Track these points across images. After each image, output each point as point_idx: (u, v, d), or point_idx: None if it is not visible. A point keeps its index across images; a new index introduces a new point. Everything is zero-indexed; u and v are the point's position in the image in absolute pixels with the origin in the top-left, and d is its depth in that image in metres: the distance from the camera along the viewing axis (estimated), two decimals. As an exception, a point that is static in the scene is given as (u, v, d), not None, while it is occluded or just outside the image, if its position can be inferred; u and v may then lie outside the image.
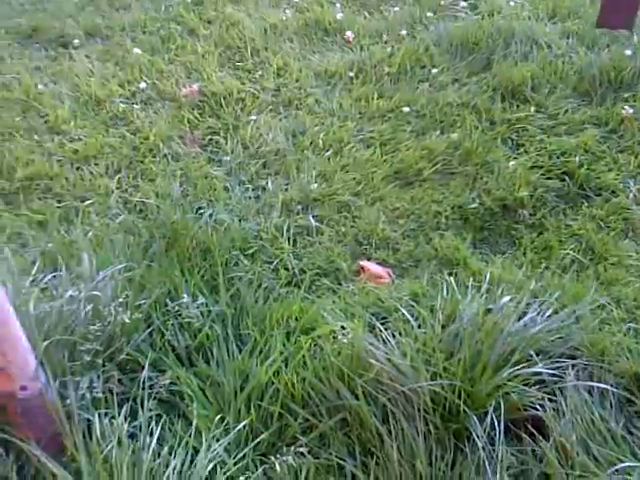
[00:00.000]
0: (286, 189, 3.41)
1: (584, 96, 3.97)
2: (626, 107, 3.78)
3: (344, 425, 2.25)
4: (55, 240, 2.97)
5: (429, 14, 4.82)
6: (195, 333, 2.50)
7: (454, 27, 4.55)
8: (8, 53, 4.56)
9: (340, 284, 2.91)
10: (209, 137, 3.83)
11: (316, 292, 2.85)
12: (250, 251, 3.01)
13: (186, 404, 2.28)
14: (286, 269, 2.96)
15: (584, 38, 4.39)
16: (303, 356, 2.37)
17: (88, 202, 3.32)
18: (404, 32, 4.64)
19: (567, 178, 3.43)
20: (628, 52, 4.11)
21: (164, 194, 3.34)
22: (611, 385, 2.36)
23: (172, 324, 2.50)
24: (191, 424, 2.17)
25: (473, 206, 3.29)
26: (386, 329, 2.47)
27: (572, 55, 4.23)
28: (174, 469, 2.00)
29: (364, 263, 2.99)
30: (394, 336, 2.42)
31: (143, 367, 2.30)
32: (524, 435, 2.26)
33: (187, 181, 3.47)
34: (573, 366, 2.41)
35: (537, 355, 2.39)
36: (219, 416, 2.21)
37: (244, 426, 2.19)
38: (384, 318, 2.60)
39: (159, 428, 2.13)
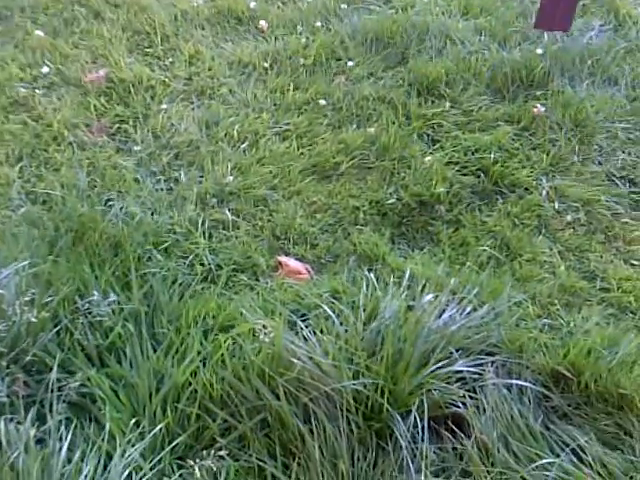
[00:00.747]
0: (200, 181, 3.30)
1: (497, 93, 4.01)
2: (538, 105, 3.84)
3: (264, 426, 2.20)
4: (-48, 234, 2.78)
5: (343, 5, 4.76)
6: (106, 332, 2.41)
7: (369, 20, 4.52)
8: None
9: (258, 280, 2.84)
10: (117, 126, 3.67)
11: (233, 288, 2.78)
12: (163, 246, 2.91)
13: (98, 407, 2.19)
14: (202, 264, 2.87)
15: (496, 35, 4.43)
16: (222, 355, 2.30)
17: (-13, 192, 3.14)
18: (318, 23, 4.57)
19: (482, 174, 3.45)
20: (539, 51, 4.18)
21: (70, 185, 3.19)
22: (529, 381, 2.39)
23: (82, 323, 2.40)
24: (104, 428, 2.09)
25: (391, 201, 3.27)
26: (307, 327, 2.43)
27: (485, 52, 4.26)
28: (86, 476, 1.93)
29: (282, 258, 2.93)
30: (315, 334, 2.38)
31: (51, 368, 2.19)
32: (445, 433, 2.27)
33: (94, 171, 3.33)
34: (492, 363, 2.43)
35: (457, 352, 2.39)
36: (134, 419, 2.13)
37: (160, 429, 2.13)
38: (304, 315, 2.55)
39: (69, 433, 2.06)
